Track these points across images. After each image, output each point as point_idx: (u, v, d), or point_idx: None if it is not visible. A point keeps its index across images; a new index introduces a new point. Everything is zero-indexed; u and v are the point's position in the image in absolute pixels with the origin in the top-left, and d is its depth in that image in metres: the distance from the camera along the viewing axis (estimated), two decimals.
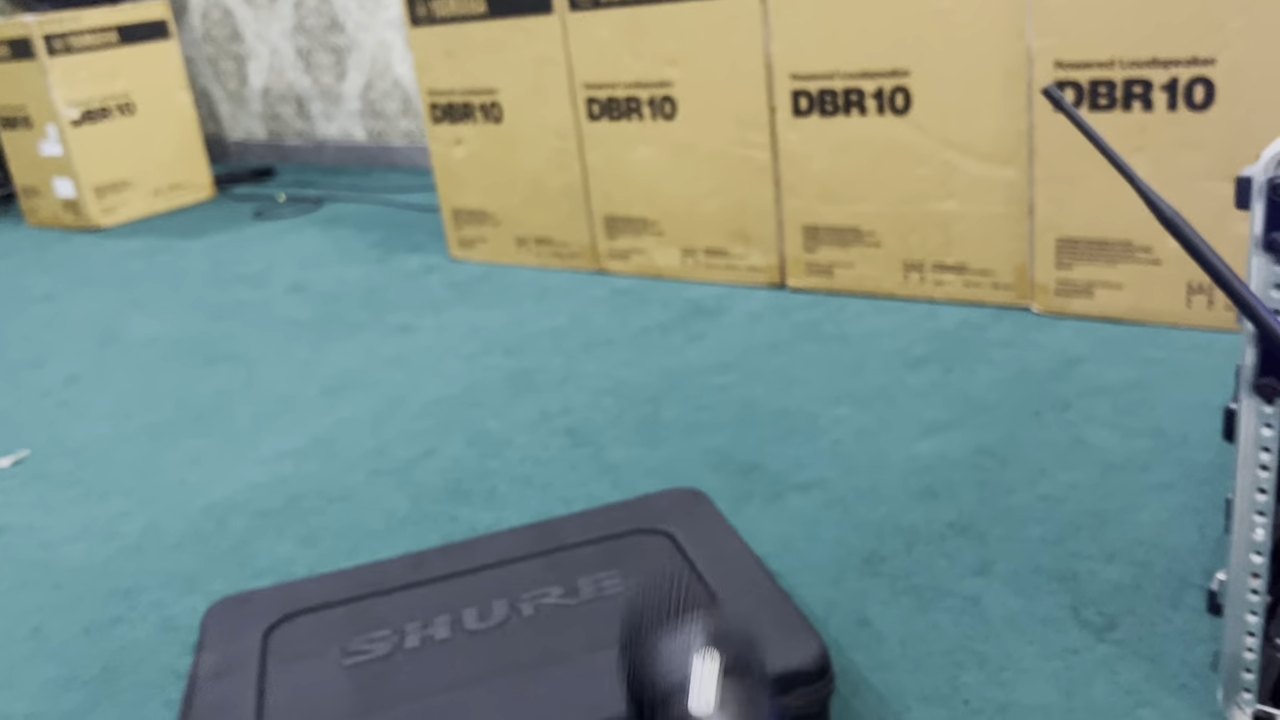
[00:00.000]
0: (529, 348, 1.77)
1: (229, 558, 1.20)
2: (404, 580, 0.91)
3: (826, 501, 1.18)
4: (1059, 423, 1.30)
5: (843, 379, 1.50)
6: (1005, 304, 1.70)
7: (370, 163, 3.59)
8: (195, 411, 1.65)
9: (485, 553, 0.94)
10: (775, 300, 1.87)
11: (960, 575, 1.02)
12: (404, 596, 0.89)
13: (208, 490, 1.38)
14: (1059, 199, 1.58)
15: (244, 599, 0.90)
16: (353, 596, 0.89)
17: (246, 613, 0.88)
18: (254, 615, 0.87)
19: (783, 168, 1.84)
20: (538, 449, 1.40)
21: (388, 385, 1.67)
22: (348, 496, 1.32)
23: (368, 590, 0.90)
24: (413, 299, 2.10)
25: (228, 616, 0.88)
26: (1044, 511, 1.11)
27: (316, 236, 2.72)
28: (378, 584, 0.91)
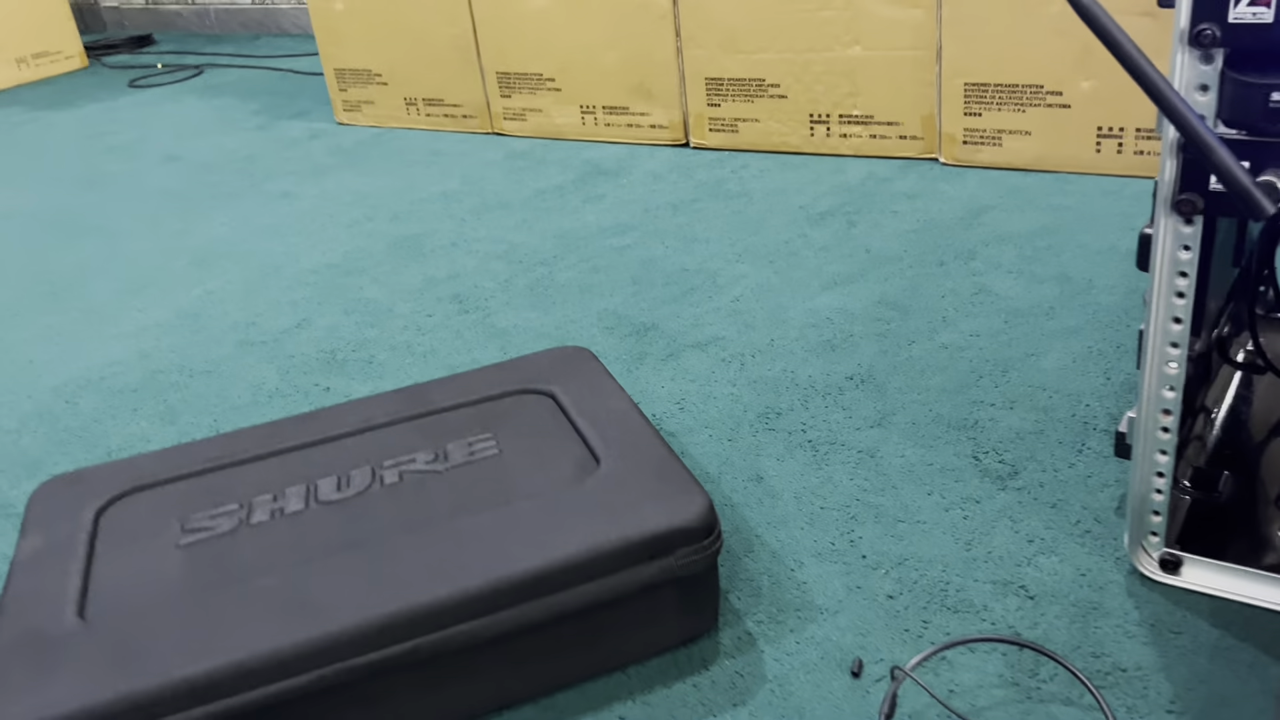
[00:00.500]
0: (417, 213, 1.67)
1: (77, 438, 1.11)
2: (256, 451, 0.83)
3: (723, 359, 1.12)
4: (963, 272, 1.25)
5: (744, 236, 1.43)
6: (913, 156, 1.63)
7: (257, 28, 3.36)
8: (51, 287, 1.52)
9: (349, 419, 0.86)
10: (678, 159, 1.78)
11: (857, 428, 0.97)
12: (255, 468, 0.81)
13: (58, 369, 1.27)
14: (967, 40, 1.51)
15: (75, 477, 0.81)
16: (198, 470, 0.81)
17: (77, 492, 0.79)
18: (85, 495, 0.79)
19: (683, 15, 1.73)
20: (421, 316, 1.31)
21: (262, 255, 1.56)
22: (212, 370, 1.22)
23: (215, 464, 0.82)
24: (294, 166, 1.97)
25: (56, 497, 0.79)
26: (945, 361, 1.07)
27: (195, 105, 2.54)
28: (227, 456, 0.82)
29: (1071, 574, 0.76)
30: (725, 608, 0.76)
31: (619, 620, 0.70)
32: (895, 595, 0.75)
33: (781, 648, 0.72)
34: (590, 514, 0.69)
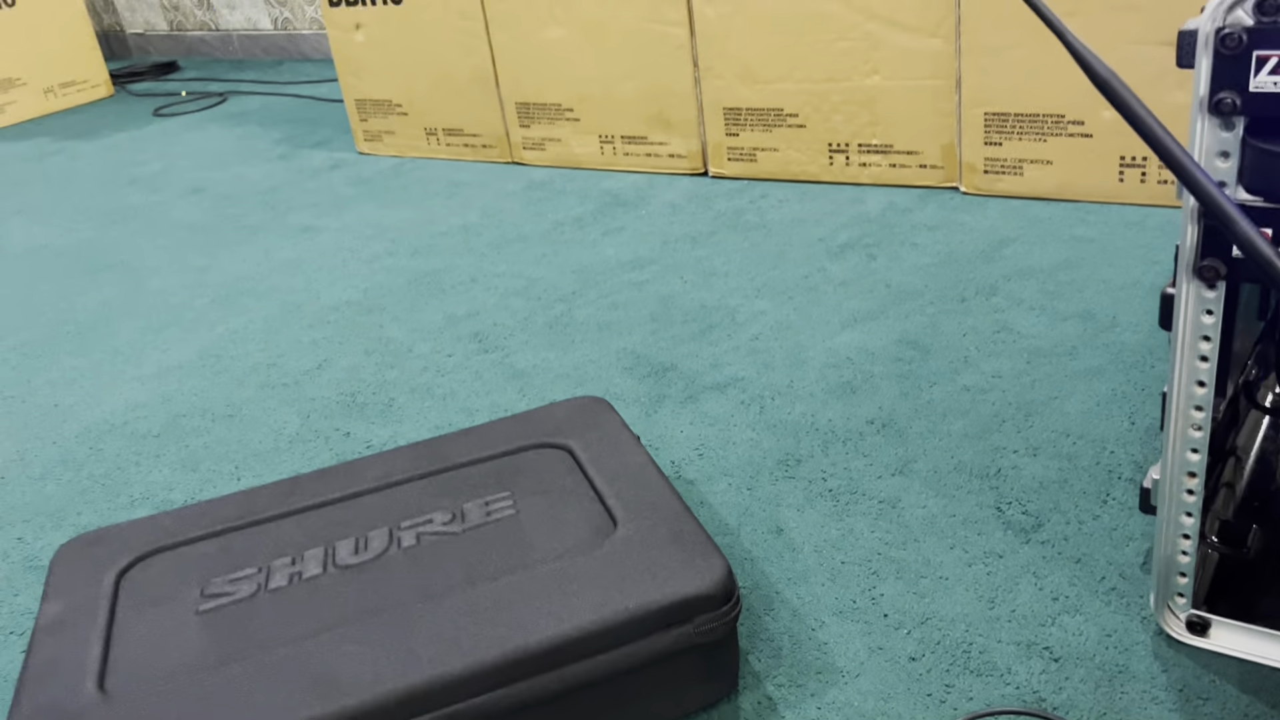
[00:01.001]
0: (436, 247, 1.67)
1: (100, 486, 1.11)
2: (275, 510, 0.83)
3: (742, 402, 1.11)
4: (985, 309, 1.24)
5: (763, 270, 1.42)
6: (933, 185, 1.62)
7: (279, 54, 3.39)
8: (75, 327, 1.54)
9: (366, 476, 0.86)
10: (697, 188, 1.78)
11: (878, 475, 0.96)
12: (274, 529, 0.81)
13: (83, 413, 1.28)
14: (987, 70, 1.50)
15: (96, 537, 0.82)
16: (217, 530, 0.81)
17: (98, 553, 0.80)
18: (106, 556, 0.79)
19: (700, 46, 1.73)
20: (441, 357, 1.31)
21: (284, 291, 1.57)
22: (234, 414, 1.23)
23: (234, 523, 0.82)
24: (316, 198, 1.98)
25: (77, 558, 0.80)
26: (967, 404, 1.06)
27: (219, 134, 2.56)
28: (246, 515, 0.83)
29: (1097, 634, 0.74)
30: (745, 669, 0.75)
31: (637, 689, 0.69)
32: (918, 657, 0.74)
33: (802, 713, 0.71)
34: (607, 581, 0.69)
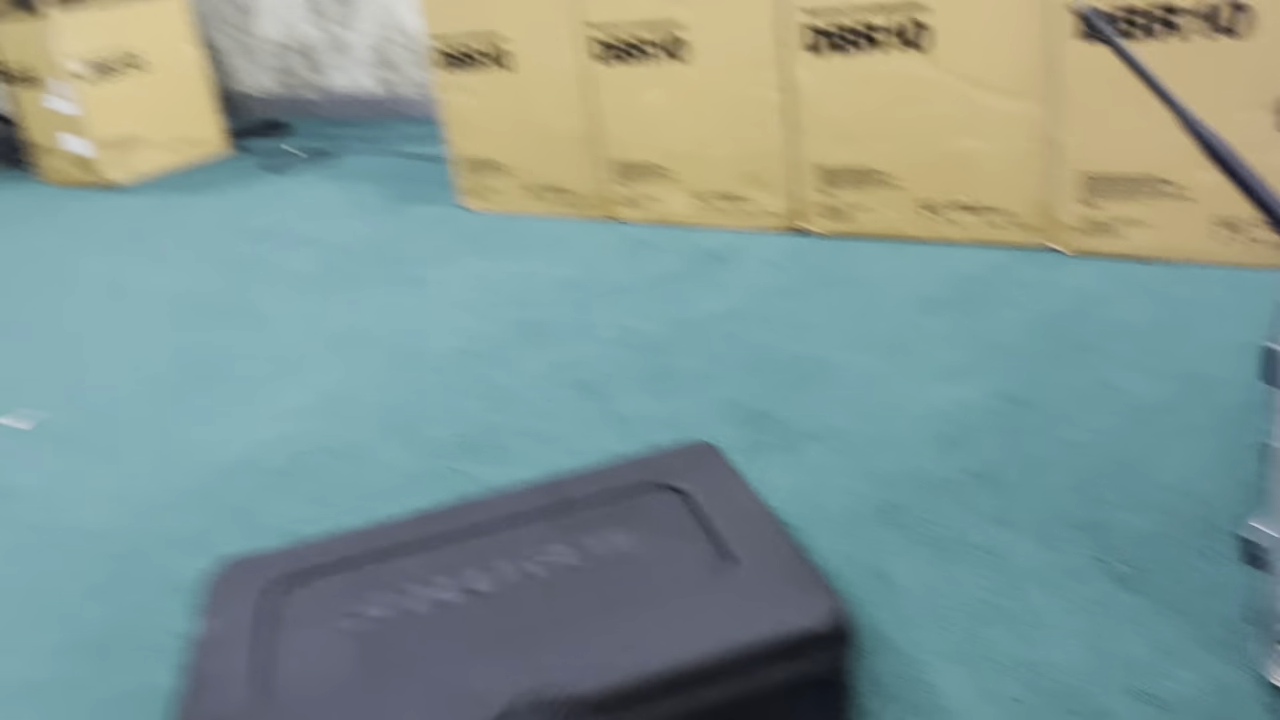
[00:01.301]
0: (540, 299, 1.74)
1: (237, 517, 1.19)
2: (410, 541, 0.89)
3: (841, 450, 1.15)
4: (1083, 365, 1.26)
5: (858, 324, 1.46)
6: (1028, 244, 1.65)
7: (382, 114, 3.54)
8: (204, 368, 1.63)
9: (492, 512, 0.92)
10: (790, 245, 1.83)
11: (980, 525, 0.99)
12: (410, 558, 0.87)
13: (215, 449, 1.36)
14: (1084, 134, 1.53)
15: (249, 561, 0.88)
16: (359, 558, 0.87)
17: (251, 575, 0.86)
18: (258, 578, 0.85)
19: (796, 108, 1.79)
20: (547, 402, 1.37)
21: (396, 339, 1.65)
22: (356, 453, 1.30)
23: (374, 552, 0.88)
24: (423, 250, 2.07)
25: (232, 579, 0.86)
26: (1067, 458, 1.08)
27: (328, 189, 2.68)
28: (383, 545, 0.88)
29: (1204, 685, 0.76)
30: (856, 708, 0.78)
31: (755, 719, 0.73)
32: (1023, 699, 0.77)
33: None
34: (727, 615, 0.73)
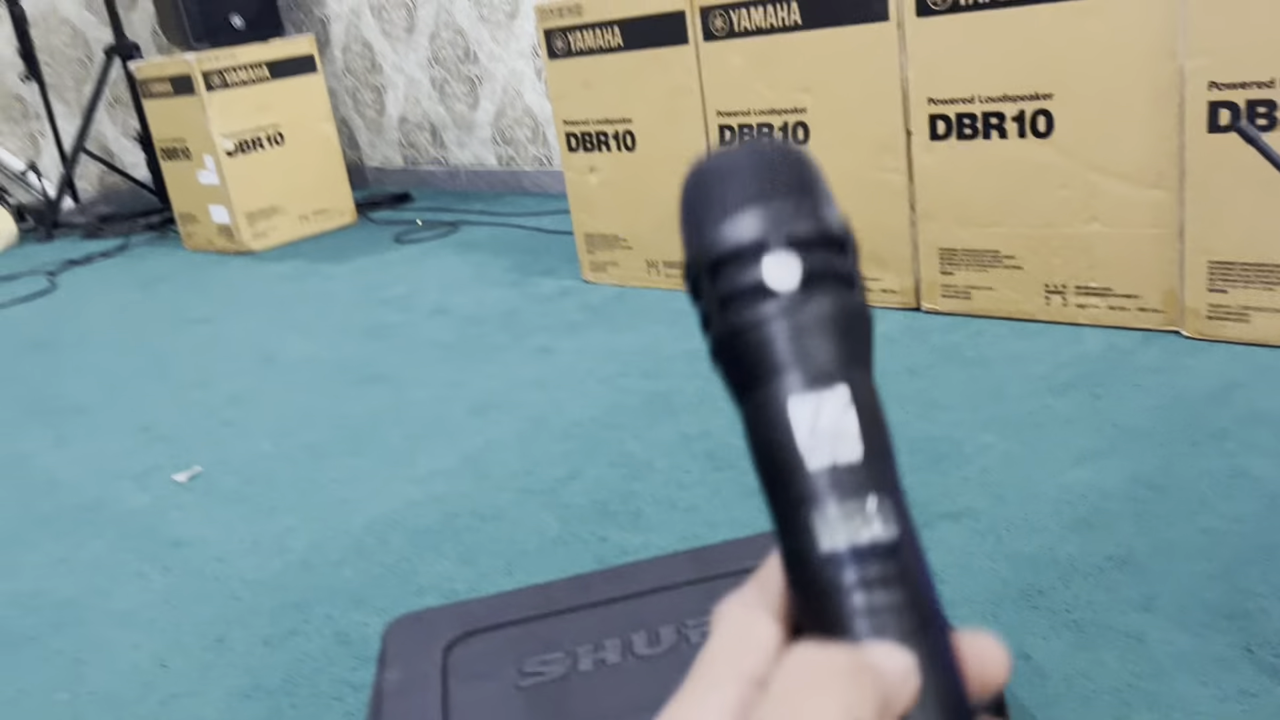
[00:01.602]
0: (665, 370, 1.80)
1: (392, 574, 1.26)
2: (571, 603, 0.94)
3: (978, 531, 1.17)
4: (1218, 452, 1.27)
5: (986, 404, 1.49)
6: (1153, 328, 1.66)
7: (501, 187, 3.68)
8: (351, 430, 1.73)
9: (646, 578, 0.97)
10: (910, 323, 1.86)
11: (1123, 610, 1.00)
12: (573, 619, 0.92)
13: (367, 507, 1.44)
14: (1210, 221, 1.54)
15: (420, 616, 0.95)
16: (524, 617, 0.93)
17: (424, 630, 0.92)
18: (432, 633, 0.92)
19: (918, 191, 1.84)
20: (679, 472, 1.42)
21: (531, 406, 1.72)
22: (500, 515, 1.37)
23: (537, 612, 0.93)
24: (549, 321, 2.16)
25: (407, 633, 0.92)
26: (1207, 545, 1.09)
27: (454, 260, 2.81)
28: (546, 606, 0.94)
29: None
30: None
31: None
32: None
33: None
34: None
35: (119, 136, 4.54)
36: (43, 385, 2.23)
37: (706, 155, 0.34)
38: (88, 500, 1.61)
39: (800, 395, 0.30)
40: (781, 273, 0.31)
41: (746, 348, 0.31)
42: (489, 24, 3.45)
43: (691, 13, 2.01)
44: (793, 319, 0.30)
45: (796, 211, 0.32)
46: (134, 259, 3.45)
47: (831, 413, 0.30)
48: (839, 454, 0.30)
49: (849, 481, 0.30)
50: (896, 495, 0.30)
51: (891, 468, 0.30)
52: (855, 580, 0.29)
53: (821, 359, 0.30)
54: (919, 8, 1.72)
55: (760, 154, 0.33)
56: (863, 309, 0.31)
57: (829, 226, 0.32)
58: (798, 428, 0.30)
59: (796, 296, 0.31)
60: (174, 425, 1.88)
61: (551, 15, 2.23)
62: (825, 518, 0.29)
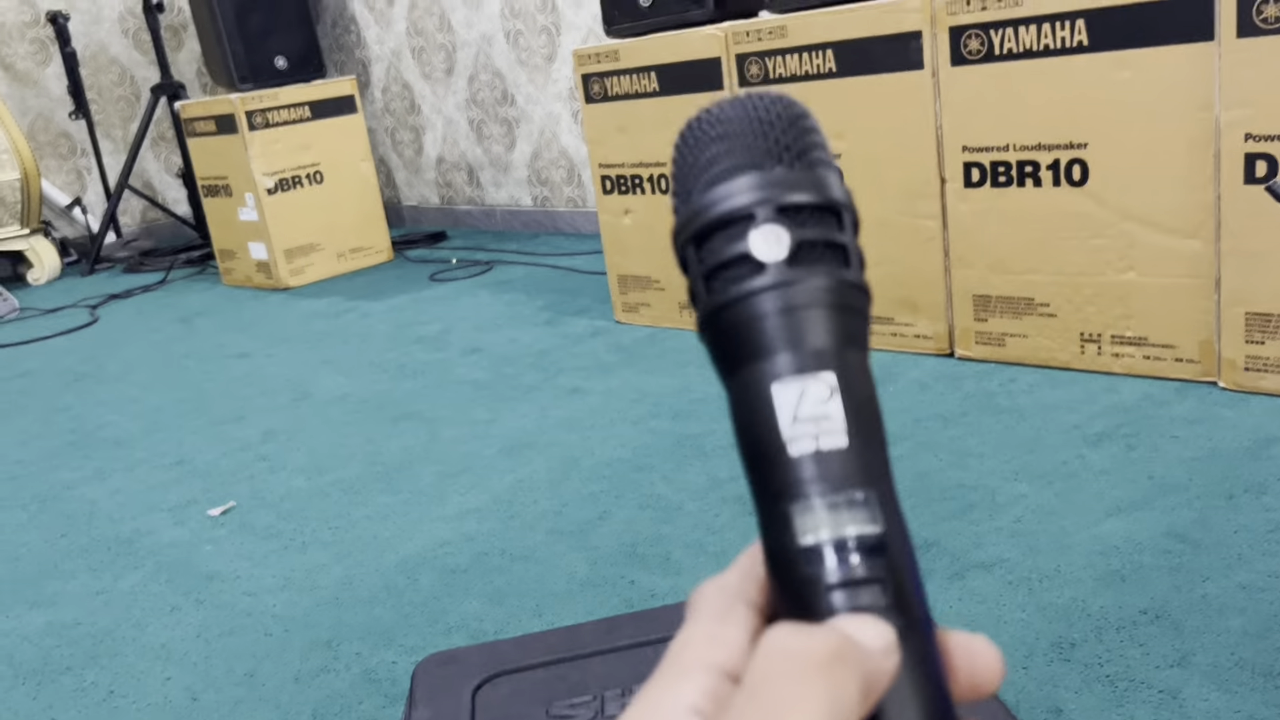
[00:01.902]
0: (696, 412, 1.81)
1: (421, 613, 1.26)
2: (600, 646, 0.94)
3: (1010, 582, 1.16)
4: (1255, 507, 1.25)
5: (1020, 453, 1.48)
6: (1189, 379, 1.64)
7: (536, 228, 3.72)
8: (384, 468, 1.74)
9: (675, 622, 0.97)
10: (943, 369, 1.86)
11: (1156, 666, 0.99)
12: (601, 662, 0.92)
13: (398, 545, 1.45)
14: (1248, 272, 1.53)
15: (450, 656, 0.95)
16: (552, 660, 0.93)
17: (453, 670, 0.93)
18: (461, 673, 0.92)
19: (953, 238, 1.84)
20: (709, 516, 1.42)
21: (561, 447, 1.73)
22: (529, 556, 1.37)
23: (566, 654, 0.93)
24: (581, 362, 2.17)
25: (436, 673, 0.93)
26: (1244, 602, 1.07)
27: (488, 299, 2.83)
28: (574, 648, 0.94)
29: None
30: None
31: None
32: None
33: None
34: None
35: (161, 173, 4.63)
36: (83, 417, 2.26)
37: (700, 113, 0.31)
38: (125, 532, 1.63)
39: (785, 379, 0.28)
40: (770, 244, 0.28)
41: (732, 325, 0.28)
42: (527, 67, 3.50)
43: (727, 59, 2.03)
44: (781, 295, 0.28)
45: (788, 178, 0.29)
46: (174, 293, 3.51)
47: (816, 399, 0.28)
48: (823, 443, 0.27)
49: (833, 472, 0.27)
50: (884, 488, 0.28)
51: (880, 459, 0.28)
52: (837, 577, 0.26)
53: (810, 340, 0.28)
54: (953, 57, 1.74)
55: (754, 112, 0.30)
56: (858, 285, 0.29)
57: (824, 194, 0.29)
58: (781, 413, 0.28)
59: (786, 270, 0.28)
60: (210, 459, 1.90)
61: (589, 60, 2.26)
62: (806, 509, 0.27)
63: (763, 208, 0.29)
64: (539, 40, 3.42)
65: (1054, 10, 1.62)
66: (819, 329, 0.28)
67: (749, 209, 0.29)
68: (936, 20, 1.74)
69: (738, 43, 2.00)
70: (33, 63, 4.29)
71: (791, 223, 0.29)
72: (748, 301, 0.28)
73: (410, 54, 3.91)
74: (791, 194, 0.29)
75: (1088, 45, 1.60)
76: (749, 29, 1.98)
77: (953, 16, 1.72)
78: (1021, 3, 1.64)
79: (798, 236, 0.28)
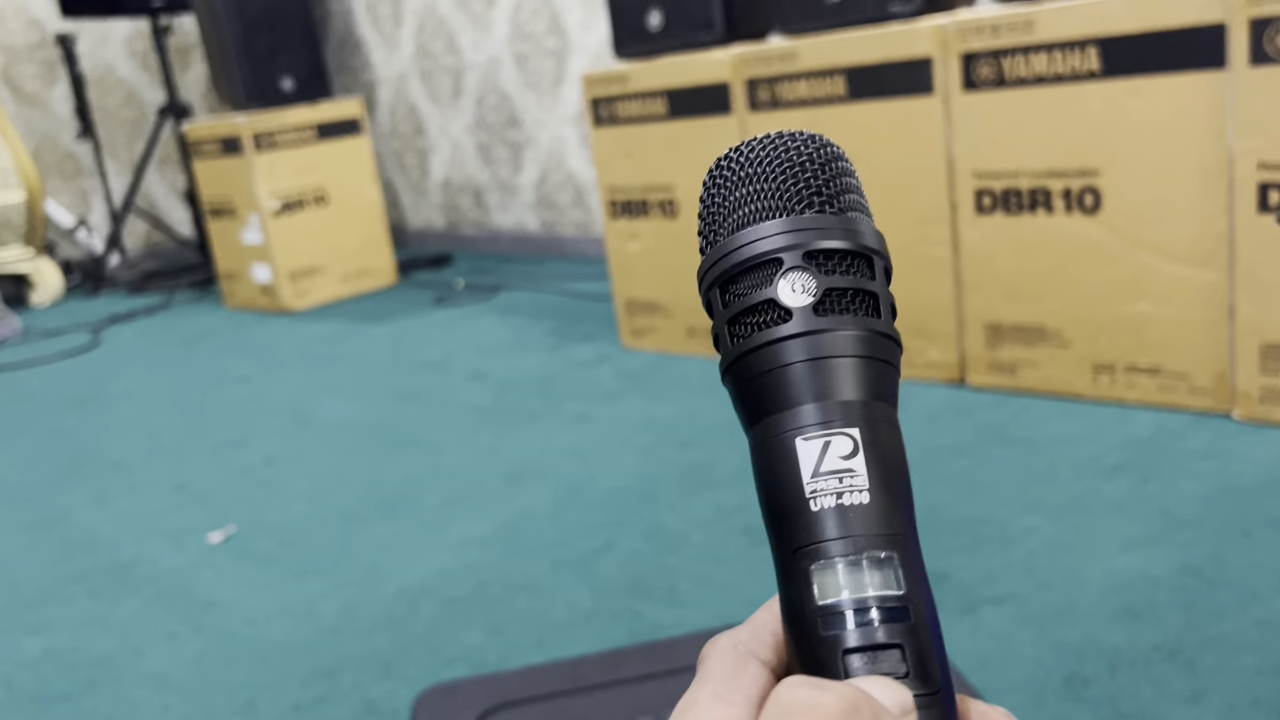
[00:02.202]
0: (702, 441, 1.79)
1: (421, 643, 1.24)
2: (603, 678, 0.92)
3: (1022, 617, 1.14)
4: (1272, 543, 1.23)
5: (1032, 486, 1.46)
6: (1203, 409, 1.62)
7: (542, 252, 3.71)
8: (385, 495, 1.72)
9: (680, 655, 0.95)
10: (955, 398, 1.84)
11: (1170, 704, 0.97)
12: (604, 695, 0.90)
13: (399, 574, 1.43)
14: (1262, 303, 1.52)
15: (451, 688, 0.93)
16: (554, 692, 0.91)
17: (454, 701, 0.91)
18: (462, 704, 0.90)
19: (964, 265, 1.83)
20: (716, 547, 1.40)
21: (566, 475, 1.71)
22: (532, 586, 1.35)
23: (568, 686, 0.91)
24: (587, 388, 2.16)
25: (437, 704, 0.91)
26: (1259, 639, 1.05)
27: (493, 324, 2.82)
28: (578, 680, 0.92)
29: None
30: None
31: None
32: None
33: None
34: None
35: (166, 194, 4.64)
36: (84, 441, 2.25)
37: (730, 151, 0.30)
38: (124, 558, 1.61)
39: (809, 432, 0.27)
40: (797, 290, 0.27)
41: (756, 372, 0.27)
42: (534, 90, 3.51)
43: (736, 84, 2.03)
44: (808, 344, 0.27)
45: (818, 222, 0.28)
46: (176, 316, 3.50)
47: (840, 454, 0.27)
48: (845, 499, 0.26)
49: (855, 530, 0.26)
50: (908, 550, 0.27)
51: (905, 519, 0.27)
52: (856, 640, 0.25)
53: (836, 392, 0.27)
54: (965, 83, 1.73)
55: (786, 152, 0.29)
56: (888, 335, 0.28)
57: (855, 240, 0.28)
58: (804, 467, 0.26)
59: (813, 318, 0.27)
60: (210, 485, 1.88)
61: (598, 84, 2.26)
62: (827, 567, 0.26)
63: (791, 253, 0.28)
64: (546, 63, 3.43)
65: (1066, 37, 1.61)
66: (846, 381, 0.27)
67: (776, 253, 0.27)
68: (948, 46, 1.74)
69: (747, 67, 2.00)
70: (40, 84, 4.31)
71: (820, 269, 0.28)
72: (773, 349, 0.27)
73: (417, 76, 3.92)
74: (821, 239, 0.28)
75: (1100, 72, 1.59)
76: (759, 53, 1.98)
77: (964, 43, 1.71)
78: (1033, 30, 1.63)
79: (826, 284, 0.27)
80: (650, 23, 2.19)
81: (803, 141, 0.30)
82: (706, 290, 0.29)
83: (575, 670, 0.94)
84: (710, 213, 0.29)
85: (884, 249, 0.29)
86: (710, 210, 0.29)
